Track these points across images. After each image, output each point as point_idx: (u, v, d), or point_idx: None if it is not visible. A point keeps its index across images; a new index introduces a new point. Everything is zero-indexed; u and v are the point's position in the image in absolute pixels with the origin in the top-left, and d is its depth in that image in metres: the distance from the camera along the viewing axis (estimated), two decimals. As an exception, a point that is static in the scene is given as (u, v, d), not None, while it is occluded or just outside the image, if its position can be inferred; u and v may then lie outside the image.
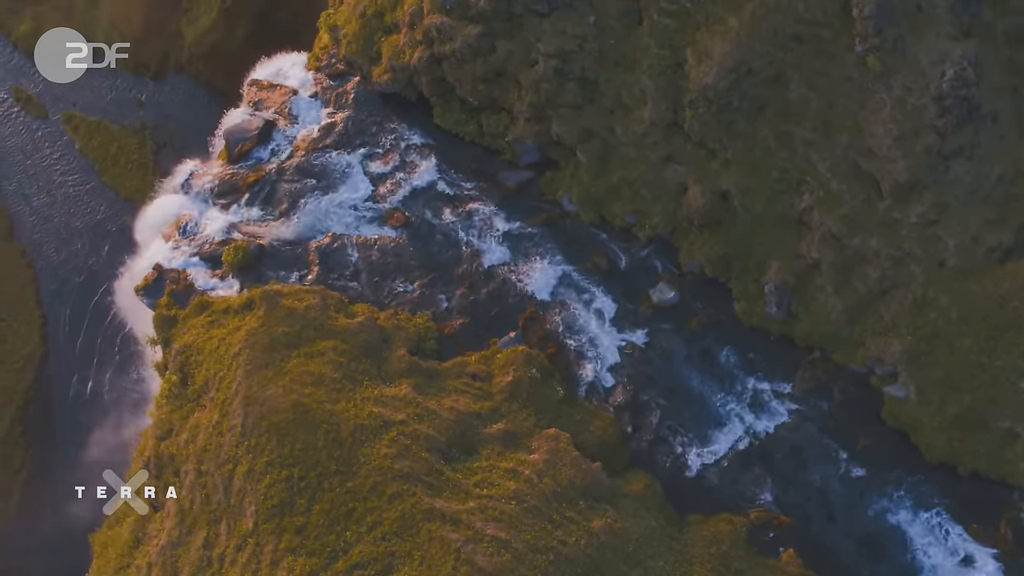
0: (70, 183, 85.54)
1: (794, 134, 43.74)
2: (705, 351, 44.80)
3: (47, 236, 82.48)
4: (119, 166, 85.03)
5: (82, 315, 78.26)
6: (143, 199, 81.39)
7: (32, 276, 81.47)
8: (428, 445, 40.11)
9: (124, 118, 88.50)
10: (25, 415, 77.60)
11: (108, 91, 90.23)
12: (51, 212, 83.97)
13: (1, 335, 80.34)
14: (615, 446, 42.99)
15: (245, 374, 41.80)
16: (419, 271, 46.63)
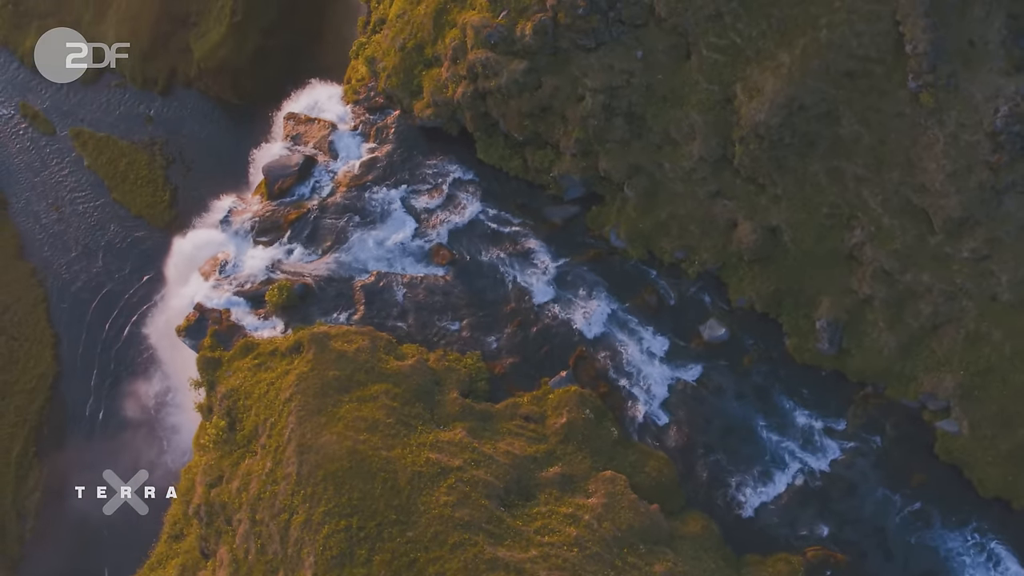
0: (79, 200, 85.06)
1: (845, 169, 43.48)
2: (757, 388, 44.52)
3: (57, 254, 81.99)
4: (128, 182, 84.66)
5: (95, 334, 77.78)
6: (159, 221, 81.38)
7: (43, 295, 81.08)
8: (487, 492, 39.68)
9: (133, 134, 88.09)
10: (39, 435, 77.30)
11: (116, 107, 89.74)
12: (61, 229, 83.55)
13: (13, 355, 79.88)
14: (671, 487, 42.69)
15: (297, 421, 41.28)
16: (467, 310, 46.17)
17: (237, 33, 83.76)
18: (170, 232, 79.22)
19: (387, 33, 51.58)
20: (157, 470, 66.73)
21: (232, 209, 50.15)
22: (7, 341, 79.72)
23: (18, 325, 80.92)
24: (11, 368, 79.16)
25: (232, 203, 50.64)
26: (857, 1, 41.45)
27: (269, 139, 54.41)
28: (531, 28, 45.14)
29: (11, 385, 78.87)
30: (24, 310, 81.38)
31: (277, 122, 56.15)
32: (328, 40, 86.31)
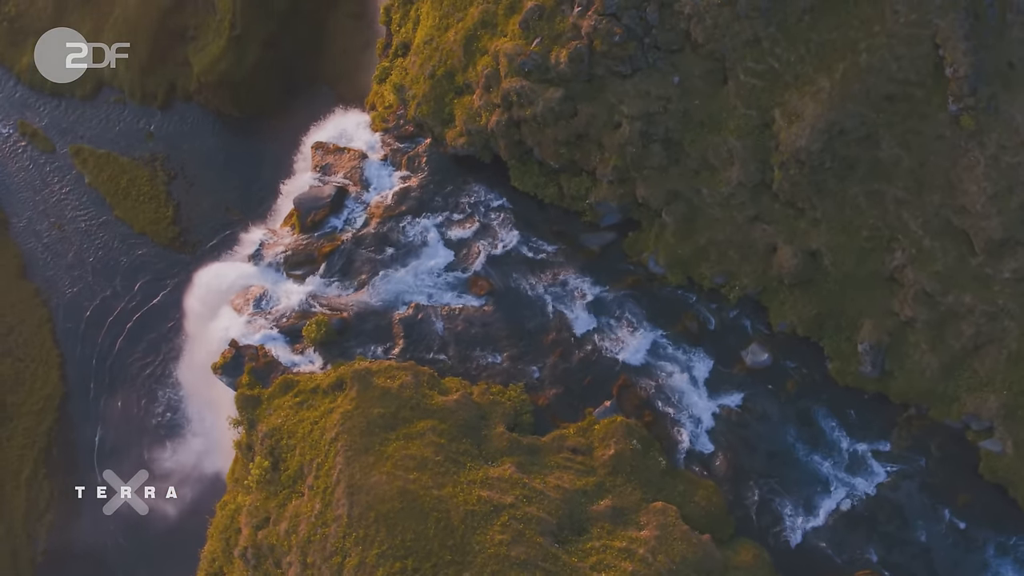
0: (81, 218, 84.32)
1: (885, 192, 43.48)
2: (801, 412, 44.51)
3: (60, 273, 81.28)
4: (131, 199, 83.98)
5: (103, 354, 77.11)
6: (162, 238, 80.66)
7: (47, 314, 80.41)
8: (540, 528, 39.49)
9: (133, 150, 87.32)
10: (48, 457, 76.69)
11: (116, 123, 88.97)
12: (63, 248, 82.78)
13: (19, 377, 79.22)
14: (720, 516, 42.61)
15: (345, 461, 40.92)
16: (507, 341, 45.87)
17: (237, 46, 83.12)
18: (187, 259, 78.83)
19: (414, 59, 51.03)
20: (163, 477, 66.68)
21: (263, 242, 49.54)
22: (13, 363, 79.02)
23: (23, 346, 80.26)
24: (18, 390, 78.51)
25: (263, 236, 49.97)
26: (897, 25, 41.38)
27: (297, 169, 53.62)
28: (566, 56, 44.79)
29: (18, 407, 78.25)
30: (29, 331, 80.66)
31: (303, 150, 55.31)
32: (329, 52, 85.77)
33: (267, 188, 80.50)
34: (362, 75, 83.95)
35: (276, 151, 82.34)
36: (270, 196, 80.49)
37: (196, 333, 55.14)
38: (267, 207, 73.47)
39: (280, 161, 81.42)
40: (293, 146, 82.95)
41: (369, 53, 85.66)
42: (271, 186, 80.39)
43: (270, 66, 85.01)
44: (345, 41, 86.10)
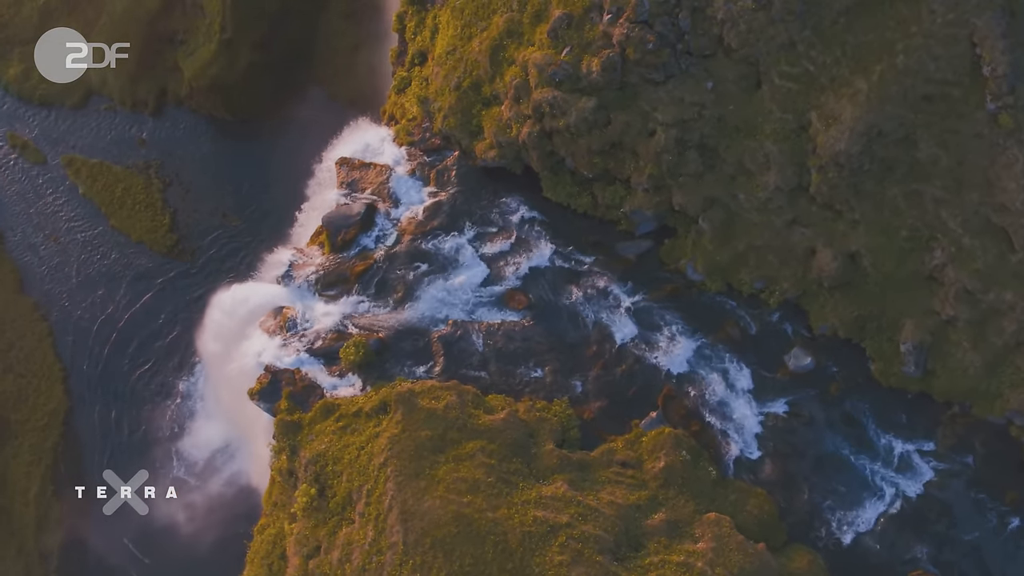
0: (77, 229, 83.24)
1: (924, 192, 43.34)
2: (846, 415, 44.49)
3: (59, 286, 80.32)
4: (126, 208, 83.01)
5: (107, 366, 76.16)
6: (160, 246, 79.57)
7: (48, 329, 79.49)
8: (599, 547, 39.24)
9: (126, 158, 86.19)
10: (56, 473, 75.97)
11: (107, 131, 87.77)
12: (61, 261, 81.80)
13: (22, 393, 78.32)
14: (773, 523, 42.56)
15: (396, 486, 40.47)
16: (549, 354, 45.45)
17: (227, 50, 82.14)
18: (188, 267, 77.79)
19: (437, 70, 50.21)
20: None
21: (293, 263, 48.69)
22: (15, 379, 78.08)
23: (24, 362, 79.27)
24: (21, 406, 77.65)
25: (291, 256, 49.10)
26: (934, 25, 41.14)
27: (323, 187, 52.74)
28: (599, 65, 44.22)
29: (23, 424, 77.37)
30: (29, 346, 79.69)
31: (327, 168, 54.35)
32: (321, 53, 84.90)
33: (263, 192, 79.84)
34: (354, 75, 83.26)
35: (270, 154, 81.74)
36: (267, 202, 79.94)
37: (221, 353, 54.17)
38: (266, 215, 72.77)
39: (275, 165, 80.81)
40: (287, 149, 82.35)
41: (362, 53, 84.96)
42: (268, 191, 79.82)
43: (262, 68, 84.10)
44: (336, 41, 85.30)
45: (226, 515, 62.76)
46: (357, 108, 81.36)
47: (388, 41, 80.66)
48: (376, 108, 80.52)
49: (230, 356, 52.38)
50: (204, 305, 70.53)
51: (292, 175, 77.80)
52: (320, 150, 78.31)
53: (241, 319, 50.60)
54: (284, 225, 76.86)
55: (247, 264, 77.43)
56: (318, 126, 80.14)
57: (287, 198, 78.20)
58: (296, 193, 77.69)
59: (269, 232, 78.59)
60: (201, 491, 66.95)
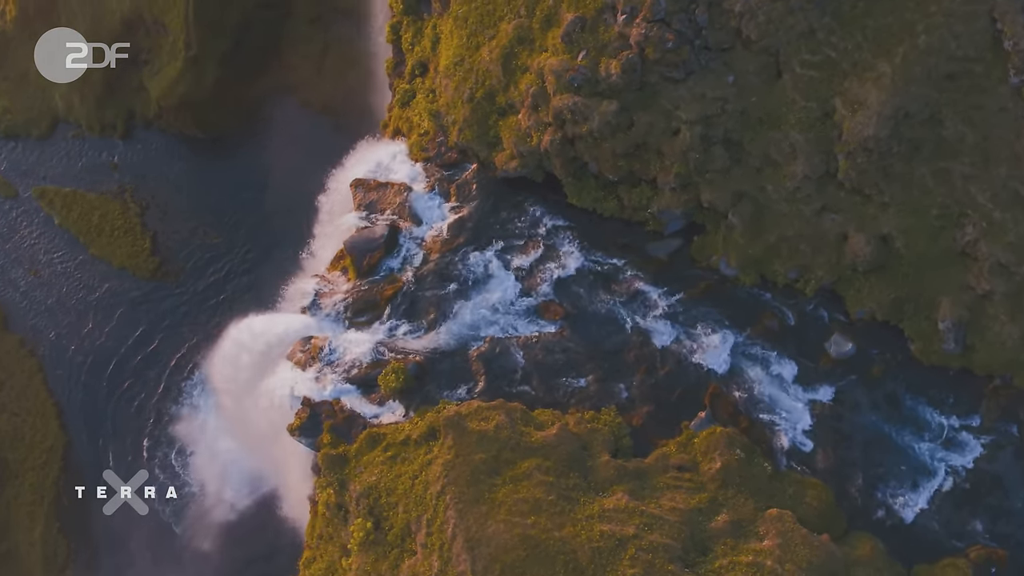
0: (57, 261, 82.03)
1: (951, 170, 43.37)
2: (890, 397, 44.62)
3: (44, 320, 79.15)
4: (105, 235, 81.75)
5: (101, 397, 74.97)
6: (143, 271, 78.14)
7: (37, 364, 78.52)
8: (668, 556, 39.04)
9: (100, 184, 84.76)
10: (59, 509, 75.12)
11: (77, 158, 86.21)
12: (43, 294, 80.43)
13: (18, 432, 77.27)
14: (832, 513, 42.64)
15: (458, 514, 39.92)
16: (590, 363, 45.01)
17: (194, 66, 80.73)
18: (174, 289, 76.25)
19: (446, 82, 49.17)
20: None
21: (319, 291, 47.63)
22: (9, 418, 76.96)
23: (17, 400, 78.08)
24: (18, 445, 76.52)
25: (316, 285, 48.00)
26: (953, 3, 41.02)
27: (334, 211, 51.57)
28: (618, 67, 43.60)
29: (21, 463, 76.30)
30: (20, 384, 78.54)
31: (342, 191, 53.09)
32: (289, 60, 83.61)
33: (242, 207, 78.61)
34: (325, 80, 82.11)
35: (246, 168, 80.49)
36: (247, 216, 78.70)
37: (242, 388, 53.03)
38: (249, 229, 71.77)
39: (252, 178, 79.54)
40: (263, 161, 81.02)
41: (329, 58, 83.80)
42: (246, 204, 78.59)
43: (230, 82, 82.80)
44: (303, 47, 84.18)
45: (257, 552, 61.97)
46: (330, 113, 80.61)
47: (358, 43, 79.86)
48: (349, 111, 79.83)
49: (254, 390, 51.34)
50: (216, 336, 69.53)
51: (270, 186, 76.88)
52: (298, 158, 77.52)
53: (265, 352, 49.46)
54: (270, 238, 76.05)
55: (235, 281, 76.48)
56: (292, 134, 79.19)
57: (268, 210, 77.32)
58: (277, 203, 76.85)
59: (254, 246, 77.66)
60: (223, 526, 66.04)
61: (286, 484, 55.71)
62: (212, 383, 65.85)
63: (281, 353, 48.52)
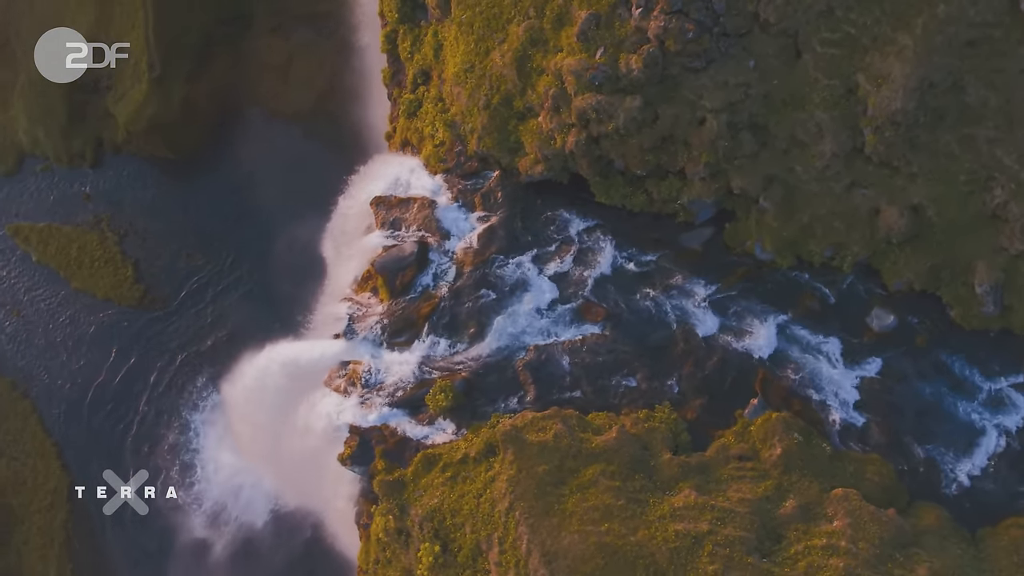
0: (39, 299, 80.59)
1: (976, 135, 43.58)
2: (936, 365, 44.95)
3: (33, 360, 77.95)
4: (85, 267, 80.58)
5: (102, 432, 73.83)
6: (128, 299, 76.73)
7: (30, 406, 77.46)
8: (745, 548, 39.06)
9: (75, 216, 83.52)
10: (71, 551, 74.22)
11: (48, 192, 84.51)
12: (29, 334, 79.27)
13: (19, 476, 76.19)
14: (894, 486, 42.91)
15: (530, 529, 39.55)
16: (638, 361, 44.72)
17: (160, 88, 79.31)
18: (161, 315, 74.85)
19: (458, 90, 48.29)
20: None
21: (352, 315, 46.67)
22: (8, 463, 75.83)
23: (14, 444, 76.85)
24: (21, 490, 75.46)
25: (348, 309, 47.03)
26: (969, -31, 41.04)
27: (365, 231, 50.49)
28: (639, 61, 43.10)
29: (26, 507, 75.33)
30: (15, 427, 77.28)
31: (354, 208, 52.02)
32: (253, 73, 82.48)
33: (222, 224, 77.39)
34: (293, 89, 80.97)
35: (221, 185, 79.21)
36: (229, 233, 77.41)
37: (274, 419, 52.07)
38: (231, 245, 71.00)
39: (228, 194, 78.27)
40: (238, 176, 79.68)
41: (294, 66, 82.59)
42: (226, 221, 77.36)
43: (197, 100, 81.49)
44: (267, 57, 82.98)
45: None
46: (301, 120, 79.58)
47: (322, 47, 78.70)
48: (320, 117, 78.84)
49: (286, 420, 50.46)
50: (225, 364, 68.35)
51: (249, 202, 75.59)
52: (275, 170, 76.34)
53: (300, 380, 48.54)
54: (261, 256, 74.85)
55: (228, 304, 75.39)
56: (266, 147, 77.93)
57: (253, 227, 76.08)
58: (261, 219, 75.66)
59: (243, 267, 76.45)
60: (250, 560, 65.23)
61: (327, 512, 54.89)
62: (229, 414, 64.71)
63: (315, 381, 47.55)
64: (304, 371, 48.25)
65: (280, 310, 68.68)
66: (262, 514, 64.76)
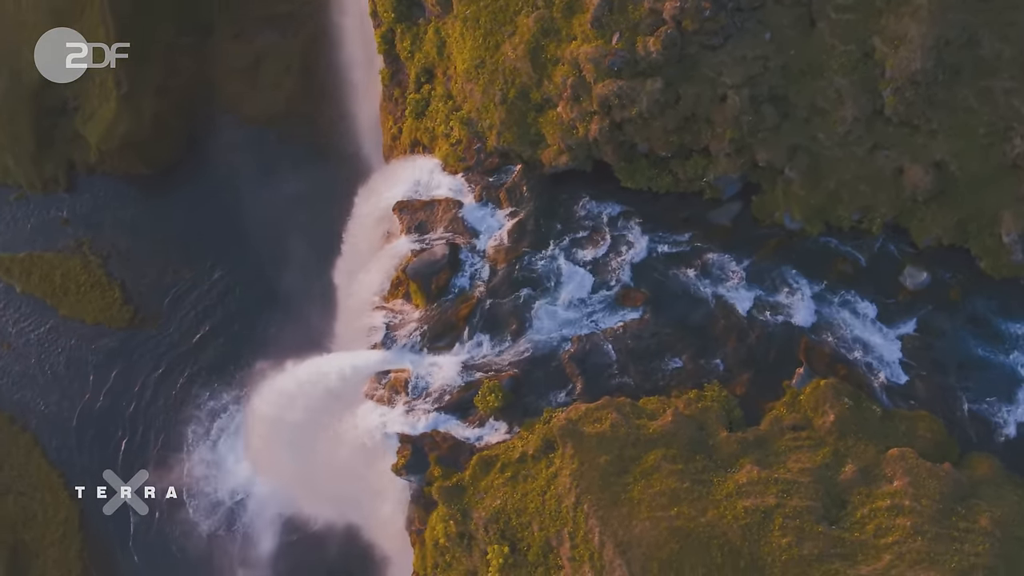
0: (28, 330, 79.69)
1: (993, 87, 44.06)
2: (972, 317, 45.64)
3: (28, 392, 77.43)
4: (71, 294, 79.85)
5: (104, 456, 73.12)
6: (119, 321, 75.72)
7: (31, 438, 76.59)
8: (815, 517, 39.49)
9: (55, 242, 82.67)
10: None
11: (25, 221, 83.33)
12: (21, 367, 78.23)
13: (28, 511, 75.73)
14: (945, 440, 43.51)
15: (601, 521, 39.65)
16: (681, 343, 44.84)
17: (129, 104, 78.18)
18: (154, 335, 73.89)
19: (471, 87, 47.79)
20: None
21: (389, 324, 46.19)
22: (16, 499, 75.33)
23: (20, 479, 76.31)
24: (32, 525, 75.04)
25: (384, 317, 46.53)
26: (976, -78, 41.35)
27: (386, 238, 49.88)
28: (658, 44, 42.94)
29: (39, 541, 74.87)
30: (19, 462, 76.75)
31: (382, 217, 51.33)
32: (220, 79, 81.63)
33: (206, 236, 76.47)
34: (263, 92, 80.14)
35: (199, 195, 78.38)
36: (213, 243, 76.52)
37: (311, 434, 51.58)
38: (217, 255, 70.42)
39: (208, 203, 77.38)
40: (216, 185, 78.73)
41: (262, 69, 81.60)
42: (209, 232, 76.44)
43: (168, 113, 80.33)
44: (233, 63, 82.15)
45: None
46: (275, 124, 78.76)
47: (287, 48, 77.76)
48: (294, 119, 78.04)
49: (321, 433, 50.05)
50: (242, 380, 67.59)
51: (233, 209, 74.73)
52: (255, 175, 75.45)
53: (333, 395, 48.04)
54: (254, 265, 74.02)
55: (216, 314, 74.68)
56: (242, 153, 76.94)
57: (233, 232, 75.18)
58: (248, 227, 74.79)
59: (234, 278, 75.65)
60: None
61: (368, 522, 54.61)
62: (250, 431, 63.99)
63: (351, 395, 47.11)
64: (339, 385, 47.69)
65: (289, 321, 67.99)
66: (294, 533, 64.30)
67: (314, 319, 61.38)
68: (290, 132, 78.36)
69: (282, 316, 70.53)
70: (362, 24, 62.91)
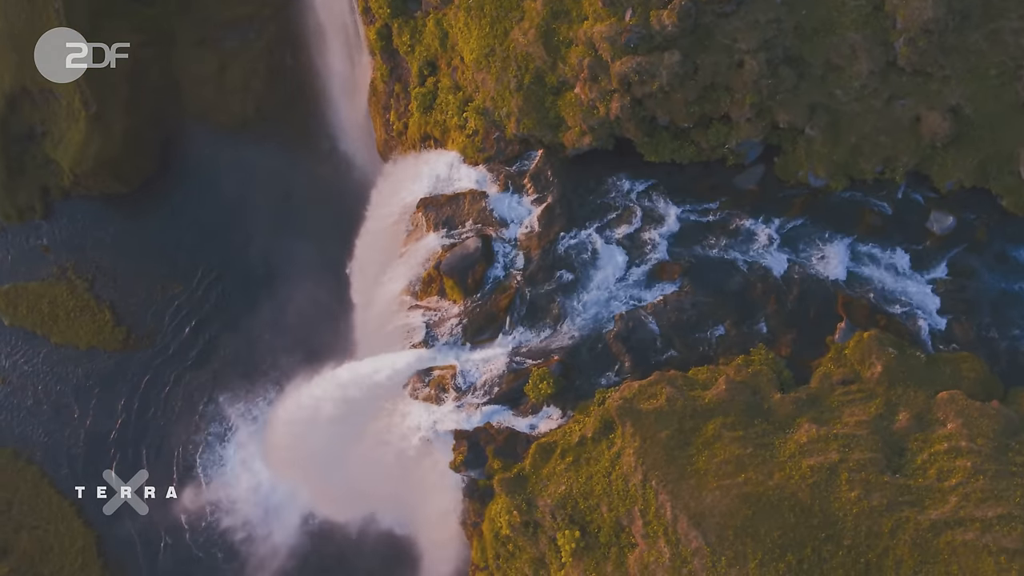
0: (21, 362, 78.75)
1: (1001, 28, 44.68)
2: (1000, 255, 46.45)
3: (29, 424, 76.75)
4: (61, 321, 78.83)
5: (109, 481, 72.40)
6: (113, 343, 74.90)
7: (38, 470, 75.64)
8: (878, 468, 40.13)
9: (38, 271, 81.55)
10: None
11: (5, 252, 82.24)
12: (18, 399, 77.42)
13: (43, 544, 75.06)
14: (989, 379, 44.36)
15: (671, 495, 39.97)
16: (722, 310, 45.14)
17: (99, 123, 76.69)
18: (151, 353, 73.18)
19: (483, 76, 47.36)
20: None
21: (429, 322, 45.88)
22: (30, 534, 74.62)
23: (31, 513, 75.47)
24: (48, 557, 74.51)
25: (423, 317, 46.20)
26: None
27: (411, 236, 49.34)
28: (673, 16, 42.86)
29: (58, 574, 73.23)
30: (28, 496, 75.89)
31: (403, 216, 50.71)
32: (188, 88, 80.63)
33: (190, 248, 75.60)
34: (231, 96, 79.19)
35: (180, 207, 77.45)
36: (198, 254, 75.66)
37: (353, 438, 51.24)
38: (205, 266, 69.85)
39: (189, 215, 76.45)
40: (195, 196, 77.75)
41: (228, 76, 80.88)
42: (193, 243, 75.60)
43: (138, 128, 79.01)
44: (198, 70, 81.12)
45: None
46: (247, 127, 77.75)
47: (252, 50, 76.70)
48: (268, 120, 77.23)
49: (375, 436, 49.73)
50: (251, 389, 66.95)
51: (215, 218, 73.95)
52: (234, 181, 74.61)
53: (382, 395, 47.68)
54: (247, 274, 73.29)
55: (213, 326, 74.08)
56: (219, 160, 76.10)
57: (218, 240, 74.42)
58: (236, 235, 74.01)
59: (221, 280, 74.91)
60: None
61: (418, 520, 54.44)
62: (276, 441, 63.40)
63: (392, 397, 46.80)
64: (377, 388, 47.34)
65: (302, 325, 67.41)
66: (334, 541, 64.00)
67: (327, 324, 60.81)
68: (263, 135, 77.31)
69: (290, 322, 69.92)
70: (336, 21, 62.24)
